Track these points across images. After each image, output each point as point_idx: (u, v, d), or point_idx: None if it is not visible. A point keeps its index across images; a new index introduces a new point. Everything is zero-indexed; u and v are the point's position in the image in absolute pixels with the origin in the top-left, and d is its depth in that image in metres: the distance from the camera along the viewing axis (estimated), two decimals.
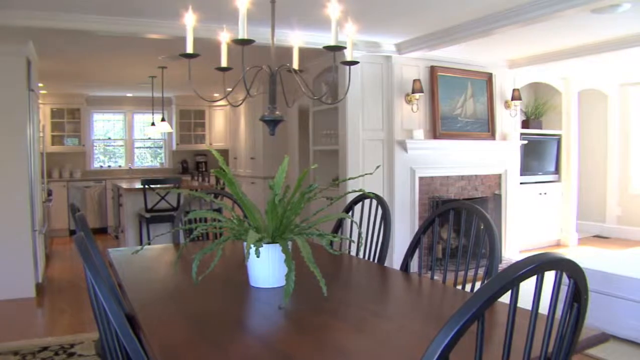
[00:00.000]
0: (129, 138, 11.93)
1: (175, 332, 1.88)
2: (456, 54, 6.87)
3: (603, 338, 1.79)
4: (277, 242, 2.29)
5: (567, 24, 5.48)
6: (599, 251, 8.08)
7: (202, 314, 2.08)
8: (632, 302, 4.34)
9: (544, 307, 1.23)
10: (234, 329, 1.94)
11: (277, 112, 2.60)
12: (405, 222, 6.70)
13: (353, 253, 3.39)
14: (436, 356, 1.10)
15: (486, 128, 7.45)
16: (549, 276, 1.29)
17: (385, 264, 3.07)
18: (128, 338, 1.57)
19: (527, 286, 1.23)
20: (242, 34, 2.38)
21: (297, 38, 3.01)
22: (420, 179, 6.82)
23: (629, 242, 8.92)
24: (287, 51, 3.04)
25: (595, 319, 4.49)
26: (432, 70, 6.95)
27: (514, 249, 7.83)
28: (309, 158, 7.45)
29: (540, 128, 8.64)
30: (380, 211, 3.15)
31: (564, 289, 1.33)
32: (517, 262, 1.17)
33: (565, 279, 1.32)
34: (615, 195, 9.66)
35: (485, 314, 1.16)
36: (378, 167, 3.68)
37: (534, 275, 1.18)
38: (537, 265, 1.16)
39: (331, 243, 3.31)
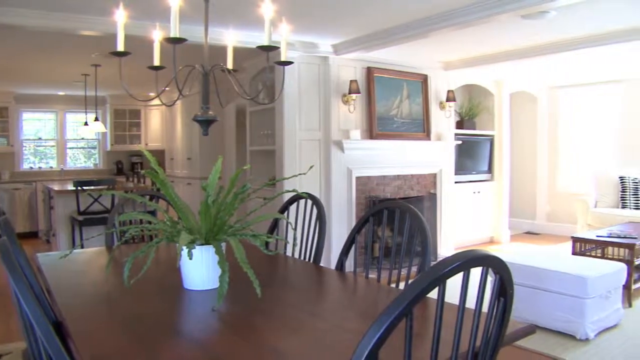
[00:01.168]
0: (61, 138, 11.57)
1: (106, 339, 1.83)
2: (392, 56, 6.97)
3: (529, 330, 1.85)
4: (210, 244, 2.27)
5: (499, 29, 5.64)
6: (529, 247, 8.34)
7: (134, 319, 2.03)
8: (559, 294, 4.51)
9: (474, 303, 1.26)
10: (167, 333, 1.90)
11: (211, 112, 2.57)
12: (342, 221, 6.74)
13: (289, 253, 3.38)
14: (366, 353, 1.11)
15: (421, 128, 7.58)
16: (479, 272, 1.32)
17: (323, 264, 3.08)
18: (54, 347, 1.50)
19: (459, 282, 1.26)
20: (174, 33, 2.35)
21: (231, 37, 2.99)
22: (357, 178, 6.88)
23: (557, 237, 9.25)
24: (222, 50, 3.01)
25: (526, 312, 4.65)
26: (369, 71, 7.02)
27: (449, 246, 8.00)
28: (246, 158, 7.41)
29: (474, 129, 8.85)
30: (315, 211, 3.16)
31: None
32: (444, 260, 1.20)
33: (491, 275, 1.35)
34: (544, 194, 10.02)
35: (414, 310, 1.17)
36: (311, 167, 3.69)
37: (460, 271, 1.21)
38: (463, 262, 1.19)
39: (267, 244, 3.30)
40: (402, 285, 2.60)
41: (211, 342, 1.85)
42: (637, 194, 7.99)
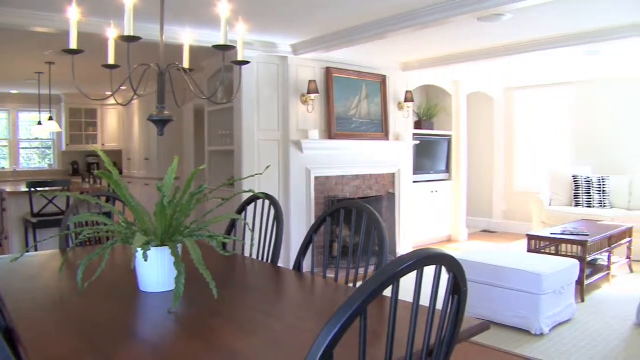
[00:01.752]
0: (14, 138, 11.31)
1: (59, 344, 1.78)
2: (352, 56, 7.00)
3: (484, 327, 1.87)
4: (166, 245, 2.24)
5: (456, 31, 5.72)
6: (486, 245, 8.48)
7: (88, 323, 1.99)
8: (515, 291, 4.59)
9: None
10: (122, 337, 1.87)
11: (166, 112, 2.54)
12: (301, 221, 6.74)
13: (247, 254, 3.37)
14: (320, 353, 1.12)
15: (380, 128, 7.63)
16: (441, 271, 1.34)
17: (283, 264, 3.08)
18: (4, 355, 1.46)
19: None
20: (128, 31, 2.31)
21: (188, 36, 2.95)
22: (316, 178, 6.89)
23: (513, 235, 9.44)
24: (179, 49, 2.98)
25: (483, 308, 4.73)
26: (328, 71, 7.04)
27: (407, 245, 8.08)
28: (205, 159, 7.35)
29: (432, 129, 8.95)
30: (273, 211, 3.15)
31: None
32: (398, 259, 1.21)
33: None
34: (501, 193, 10.20)
35: (368, 309, 1.18)
36: (268, 167, 3.69)
37: (414, 270, 1.22)
38: (416, 261, 1.20)
39: (225, 244, 3.28)
40: (359, 285, 2.62)
41: (167, 345, 1.83)
42: (590, 193, 8.19)
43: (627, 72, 8.32)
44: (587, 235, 5.74)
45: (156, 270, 2.28)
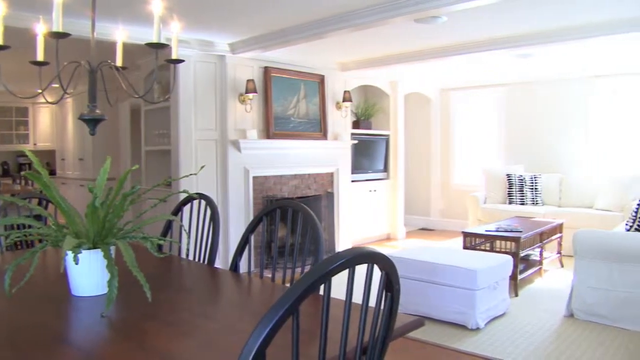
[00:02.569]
0: None
1: None
2: (290, 56, 7.00)
3: (418, 323, 1.90)
4: (98, 248, 2.18)
5: (394, 32, 5.80)
6: (423, 243, 8.62)
7: (17, 330, 1.91)
8: (451, 287, 4.69)
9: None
10: (53, 343, 1.80)
11: (98, 111, 2.47)
12: (240, 222, 6.69)
13: (184, 255, 3.32)
14: (253, 353, 1.11)
15: (318, 128, 7.66)
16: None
17: (222, 265, 3.06)
18: None
19: (357, 279, 1.28)
20: (57, 27, 2.24)
21: (121, 33, 2.89)
22: (254, 178, 6.86)
23: (450, 233, 9.64)
24: (113, 47, 2.90)
25: (421, 305, 4.82)
26: (266, 71, 7.01)
27: (346, 244, 8.13)
28: (141, 159, 7.21)
29: (370, 128, 9.05)
30: (209, 211, 3.12)
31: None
32: (329, 258, 1.21)
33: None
34: (438, 191, 10.40)
35: (304, 308, 1.18)
36: (203, 167, 3.64)
37: (345, 268, 1.23)
38: (347, 259, 1.21)
39: (161, 246, 3.23)
40: None
41: (100, 349, 1.78)
42: (523, 190, 8.45)
43: (557, 75, 8.64)
44: (520, 231, 5.91)
45: (88, 273, 2.22)
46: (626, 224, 5.27)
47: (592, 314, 4.76)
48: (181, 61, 2.69)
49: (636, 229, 4.96)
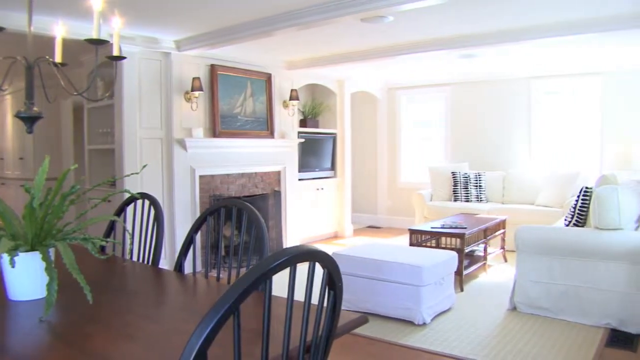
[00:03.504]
0: None
1: None
2: (237, 54, 6.95)
3: (362, 320, 1.91)
4: (36, 250, 2.12)
5: (341, 31, 5.83)
6: (371, 240, 8.68)
7: None
8: (398, 284, 4.74)
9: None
10: None
11: (35, 109, 2.40)
12: (186, 221, 6.60)
13: (127, 256, 3.26)
14: (194, 353, 1.10)
15: (265, 127, 7.63)
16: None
17: (168, 266, 3.00)
18: None
19: (300, 277, 1.27)
20: None
21: (60, 28, 2.80)
22: (201, 177, 6.79)
23: (397, 230, 9.74)
24: (52, 42, 2.82)
25: (368, 302, 4.86)
26: (212, 68, 6.94)
27: (294, 242, 8.13)
28: (84, 158, 7.04)
29: (317, 127, 9.08)
30: (153, 211, 3.07)
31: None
32: (269, 256, 1.21)
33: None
34: (385, 189, 10.51)
35: (249, 308, 1.17)
36: (145, 166, 3.57)
37: (286, 267, 1.22)
38: (288, 258, 1.20)
39: (103, 247, 3.16)
40: None
41: (39, 355, 1.73)
42: (467, 188, 8.61)
43: (499, 75, 8.86)
44: (465, 228, 6.02)
45: (26, 276, 2.15)
46: (565, 219, 5.43)
47: (534, 307, 4.88)
48: (123, 58, 2.64)
49: (575, 224, 5.11)
